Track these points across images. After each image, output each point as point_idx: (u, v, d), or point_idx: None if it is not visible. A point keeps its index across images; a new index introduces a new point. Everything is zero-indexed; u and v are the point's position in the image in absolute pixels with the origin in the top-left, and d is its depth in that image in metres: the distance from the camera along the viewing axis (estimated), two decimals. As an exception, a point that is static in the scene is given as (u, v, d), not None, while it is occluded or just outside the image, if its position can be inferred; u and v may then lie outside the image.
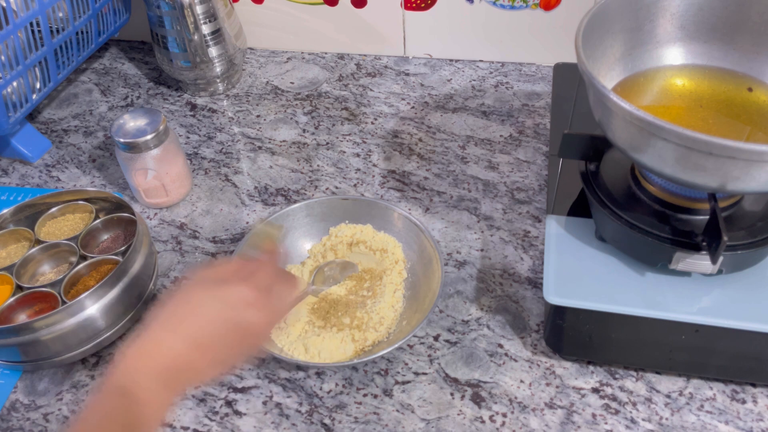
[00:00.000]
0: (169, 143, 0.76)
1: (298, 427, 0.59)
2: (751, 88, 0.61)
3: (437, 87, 0.96)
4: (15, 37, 0.77)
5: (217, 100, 0.97)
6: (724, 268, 0.56)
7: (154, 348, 0.47)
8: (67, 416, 0.61)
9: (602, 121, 0.55)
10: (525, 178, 0.81)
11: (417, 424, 0.59)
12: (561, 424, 0.58)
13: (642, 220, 0.57)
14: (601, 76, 0.61)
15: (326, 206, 0.72)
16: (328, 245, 0.71)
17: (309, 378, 0.63)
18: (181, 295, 0.51)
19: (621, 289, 0.57)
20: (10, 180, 0.87)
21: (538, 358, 0.63)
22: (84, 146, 0.91)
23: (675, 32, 0.63)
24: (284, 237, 0.71)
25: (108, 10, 0.95)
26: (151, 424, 0.44)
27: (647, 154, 0.51)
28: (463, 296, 0.69)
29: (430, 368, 0.63)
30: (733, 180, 0.49)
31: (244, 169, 0.86)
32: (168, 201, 0.80)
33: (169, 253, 0.76)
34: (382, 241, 0.70)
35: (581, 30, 0.56)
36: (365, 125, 0.91)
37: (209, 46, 0.92)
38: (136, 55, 1.08)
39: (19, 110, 0.82)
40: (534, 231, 0.74)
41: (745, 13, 0.61)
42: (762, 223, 0.57)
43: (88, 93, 1.01)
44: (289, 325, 0.64)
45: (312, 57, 1.05)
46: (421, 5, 0.96)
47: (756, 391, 0.59)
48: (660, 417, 0.58)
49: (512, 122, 0.89)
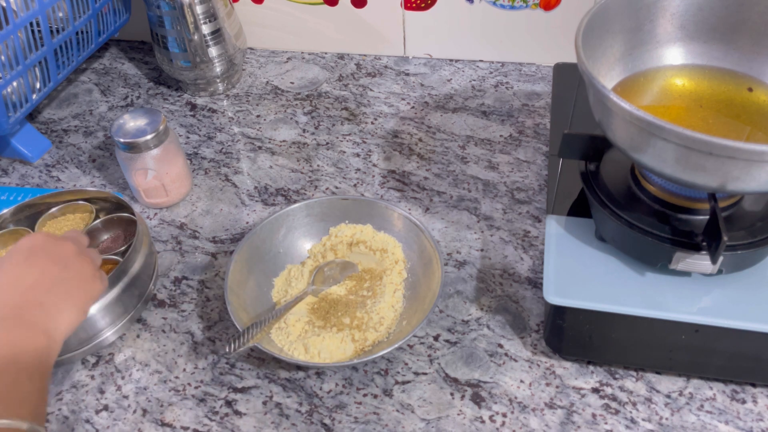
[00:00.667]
0: (169, 143, 0.76)
1: (298, 427, 0.59)
2: (751, 88, 0.61)
3: (437, 87, 0.96)
4: (15, 37, 0.77)
5: (217, 100, 0.97)
6: (724, 268, 0.56)
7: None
8: (67, 416, 0.61)
9: (602, 121, 0.55)
10: (525, 178, 0.81)
11: (417, 424, 0.59)
12: (561, 424, 0.58)
13: (642, 220, 0.57)
14: (601, 76, 0.61)
15: (326, 206, 0.72)
16: (328, 245, 0.71)
17: (309, 378, 0.63)
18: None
19: (621, 289, 0.57)
20: (10, 180, 0.87)
21: (538, 358, 0.63)
22: (84, 146, 0.91)
23: (675, 32, 0.63)
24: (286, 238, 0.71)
25: (108, 10, 0.95)
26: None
27: (647, 154, 0.51)
28: (463, 296, 0.69)
29: (430, 368, 0.63)
30: (733, 180, 0.49)
31: (244, 169, 0.86)
32: (168, 201, 0.80)
33: (169, 253, 0.76)
34: (382, 241, 0.71)
35: (581, 30, 0.56)
36: (365, 125, 0.91)
37: (209, 46, 0.92)
38: (136, 55, 1.08)
39: (19, 110, 0.82)
40: (534, 231, 0.74)
41: (745, 13, 0.61)
42: (762, 223, 0.57)
43: (88, 93, 1.01)
44: (289, 325, 0.64)
45: (312, 57, 1.05)
46: (421, 5, 0.96)
47: (756, 391, 0.59)
48: (660, 417, 0.58)
49: (512, 122, 0.89)
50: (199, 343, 0.66)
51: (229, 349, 0.59)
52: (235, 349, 0.59)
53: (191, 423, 0.60)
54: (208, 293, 0.71)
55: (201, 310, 0.69)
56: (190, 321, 0.68)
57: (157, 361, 0.65)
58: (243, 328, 0.61)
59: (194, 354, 0.65)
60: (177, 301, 0.70)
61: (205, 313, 0.69)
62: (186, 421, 0.60)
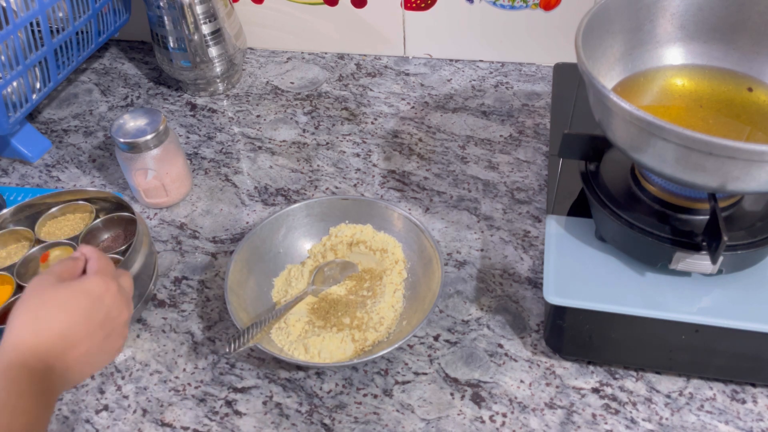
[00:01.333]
0: (169, 143, 0.76)
1: (298, 427, 0.59)
2: (751, 88, 0.61)
3: (437, 87, 0.96)
4: (15, 37, 0.77)
5: (217, 100, 0.97)
6: (724, 268, 0.56)
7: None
8: (67, 416, 0.61)
9: (602, 121, 0.55)
10: (525, 178, 0.81)
11: (417, 424, 0.59)
12: (561, 424, 0.58)
13: (642, 220, 0.57)
14: (601, 76, 0.61)
15: (326, 206, 0.72)
16: (328, 245, 0.71)
17: (309, 378, 0.63)
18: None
19: (621, 289, 0.57)
20: (10, 180, 0.87)
21: (538, 358, 0.63)
22: (84, 146, 0.91)
23: (675, 32, 0.63)
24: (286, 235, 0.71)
25: (108, 10, 0.95)
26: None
27: (647, 154, 0.51)
28: (463, 296, 0.69)
29: (430, 368, 0.63)
30: (733, 180, 0.49)
31: (244, 169, 0.86)
32: (168, 201, 0.80)
33: (169, 253, 0.76)
34: (382, 241, 0.71)
35: (581, 30, 0.56)
36: (365, 125, 0.91)
37: (209, 46, 0.92)
38: (136, 55, 1.08)
39: (19, 110, 0.82)
40: (534, 231, 0.74)
41: (745, 13, 0.61)
42: (762, 223, 0.57)
43: (88, 93, 1.01)
44: (289, 325, 0.64)
45: (312, 57, 1.05)
46: (421, 5, 0.96)
47: (756, 391, 0.59)
48: (660, 417, 0.58)
49: (512, 122, 0.89)
50: (199, 343, 0.66)
51: (229, 349, 0.59)
52: (236, 349, 0.59)
53: (191, 423, 0.60)
54: (208, 293, 0.71)
55: (201, 310, 0.69)
56: (190, 321, 0.68)
57: (157, 361, 0.65)
58: (243, 328, 0.61)
59: (194, 354, 0.65)
60: (177, 301, 0.70)
61: (205, 313, 0.69)
62: (186, 421, 0.60)
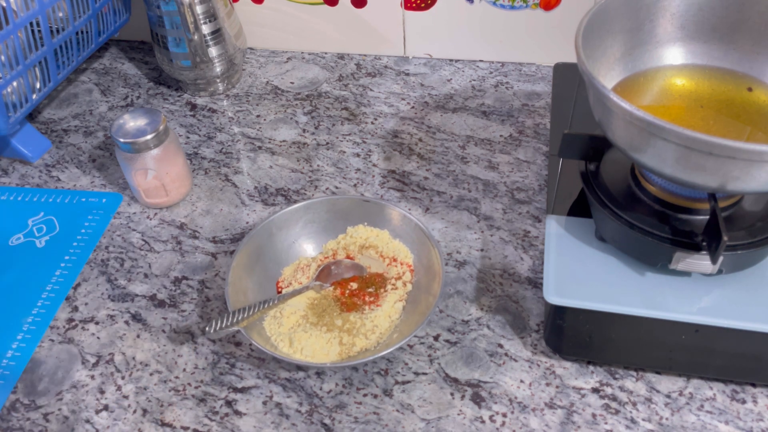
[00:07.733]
0: (169, 143, 0.76)
1: (298, 427, 0.59)
2: (751, 88, 0.61)
3: (437, 87, 0.96)
4: (15, 37, 0.77)
5: (217, 100, 0.97)
6: (724, 268, 0.56)
7: None
8: (67, 416, 0.61)
9: (602, 121, 0.55)
10: (525, 178, 0.81)
11: (417, 424, 0.59)
12: (561, 424, 0.58)
13: (642, 220, 0.57)
14: (601, 76, 0.61)
15: (347, 204, 0.72)
16: (342, 244, 0.71)
17: (309, 378, 0.63)
18: None
19: (621, 289, 0.57)
20: (10, 180, 0.87)
21: (538, 358, 0.63)
22: (84, 146, 0.91)
23: (675, 32, 0.63)
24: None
25: (108, 10, 0.95)
26: None
27: (647, 154, 0.51)
28: (463, 296, 0.69)
29: (430, 368, 0.63)
30: (733, 180, 0.49)
31: (244, 169, 0.86)
32: (168, 201, 0.80)
33: (169, 253, 0.76)
34: (395, 250, 0.70)
35: (581, 30, 0.56)
36: (365, 125, 0.91)
37: (209, 46, 0.92)
38: (136, 55, 1.08)
39: (19, 110, 0.82)
40: (534, 231, 0.74)
41: (745, 13, 0.61)
42: (762, 223, 0.57)
43: (88, 93, 1.01)
44: (284, 316, 0.64)
45: (312, 57, 1.05)
46: (421, 5, 0.96)
47: (756, 391, 0.59)
48: (660, 417, 0.58)
49: (512, 122, 0.89)
50: (199, 343, 0.66)
51: (209, 328, 0.58)
52: (215, 329, 0.58)
53: (191, 423, 0.60)
54: (208, 293, 0.71)
55: (201, 310, 0.69)
56: (190, 321, 0.68)
57: (157, 361, 0.65)
58: (239, 323, 0.60)
59: (194, 354, 0.65)
60: (177, 301, 0.70)
61: (205, 313, 0.69)
62: (186, 421, 0.60)
